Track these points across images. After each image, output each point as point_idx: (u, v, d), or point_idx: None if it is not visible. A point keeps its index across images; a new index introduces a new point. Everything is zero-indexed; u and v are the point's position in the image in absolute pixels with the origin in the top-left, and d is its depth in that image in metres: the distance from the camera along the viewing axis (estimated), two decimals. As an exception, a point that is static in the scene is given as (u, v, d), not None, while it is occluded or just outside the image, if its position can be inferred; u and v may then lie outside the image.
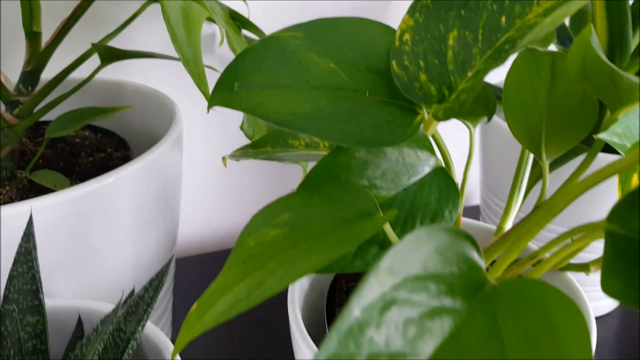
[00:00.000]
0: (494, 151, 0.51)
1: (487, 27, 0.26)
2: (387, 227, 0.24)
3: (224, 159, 0.40)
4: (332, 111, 0.26)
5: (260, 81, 0.27)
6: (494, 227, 0.38)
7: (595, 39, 0.23)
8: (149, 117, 0.43)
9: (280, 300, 0.53)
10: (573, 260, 0.34)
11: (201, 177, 0.59)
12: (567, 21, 0.55)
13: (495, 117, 0.48)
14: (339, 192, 0.26)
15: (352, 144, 0.25)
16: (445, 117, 0.25)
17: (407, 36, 0.27)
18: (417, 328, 0.16)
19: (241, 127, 0.40)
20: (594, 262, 0.33)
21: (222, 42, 0.30)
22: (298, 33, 0.27)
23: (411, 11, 0.27)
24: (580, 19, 0.54)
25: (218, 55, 0.53)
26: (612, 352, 0.50)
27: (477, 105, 0.33)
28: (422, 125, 0.28)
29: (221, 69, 0.54)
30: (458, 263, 0.18)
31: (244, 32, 0.47)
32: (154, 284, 0.28)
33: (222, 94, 0.27)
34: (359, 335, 0.15)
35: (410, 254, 0.17)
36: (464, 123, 0.35)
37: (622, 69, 0.47)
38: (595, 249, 0.45)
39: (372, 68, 0.27)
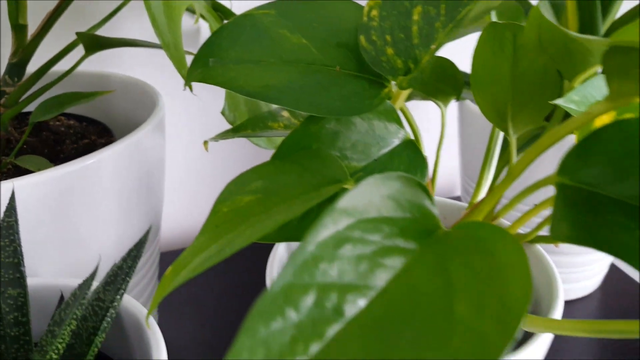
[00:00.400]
0: (472, 137, 0.52)
1: (449, 2, 0.27)
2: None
3: (205, 142, 0.41)
4: (303, 84, 0.27)
5: (234, 56, 0.28)
6: (466, 204, 0.39)
7: (548, 8, 0.24)
8: (133, 105, 0.44)
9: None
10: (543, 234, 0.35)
11: (184, 166, 0.60)
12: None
13: (470, 103, 0.50)
14: (310, 161, 0.27)
15: (322, 113, 0.26)
16: (409, 86, 0.26)
17: (374, 12, 0.28)
18: (369, 263, 0.17)
19: (222, 113, 0.41)
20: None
21: (197, 21, 0.31)
22: (271, 10, 0.29)
23: (378, -12, 0.28)
24: (555, 11, 0.55)
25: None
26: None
27: (446, 85, 0.34)
28: (390, 99, 0.29)
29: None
30: (411, 209, 0.19)
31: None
32: (132, 254, 0.28)
33: (197, 70, 0.28)
34: (313, 268, 0.16)
35: (365, 198, 0.18)
36: (435, 102, 0.36)
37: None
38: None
39: (341, 43, 0.28)
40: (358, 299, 0.16)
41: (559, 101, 0.26)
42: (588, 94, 0.27)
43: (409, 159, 0.29)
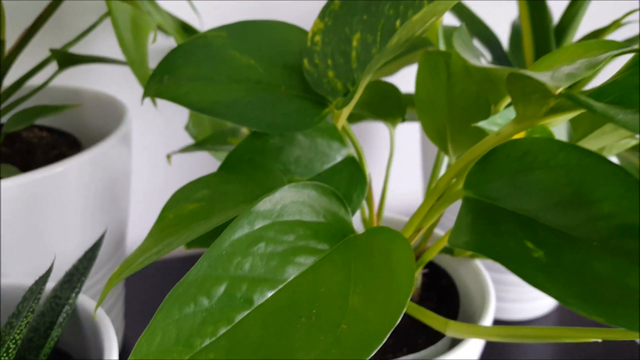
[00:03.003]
0: (432, 157, 0.55)
1: (384, 30, 0.29)
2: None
3: (168, 156, 0.43)
4: (249, 101, 0.29)
5: (187, 74, 0.30)
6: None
7: (465, 36, 0.27)
8: (103, 119, 0.46)
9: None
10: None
11: (150, 177, 0.62)
12: (505, 41, 0.59)
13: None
14: (253, 172, 0.29)
15: (264, 129, 0.28)
16: (343, 105, 0.28)
17: (317, 38, 0.31)
18: (280, 260, 0.19)
19: (186, 128, 0.43)
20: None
21: (154, 40, 0.33)
22: (223, 33, 0.31)
23: (321, 15, 0.31)
24: (516, 36, 0.58)
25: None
26: (552, 352, 0.53)
27: (391, 107, 0.36)
28: (332, 118, 0.32)
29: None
30: (325, 215, 0.21)
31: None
32: (88, 256, 0.31)
33: (154, 86, 0.31)
34: (227, 262, 0.18)
35: (282, 203, 0.20)
36: (384, 123, 0.38)
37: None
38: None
39: (287, 65, 0.31)
40: (266, 290, 0.19)
41: (482, 123, 0.28)
42: (511, 117, 0.29)
43: (350, 175, 0.32)
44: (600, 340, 0.24)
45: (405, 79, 0.50)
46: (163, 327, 0.17)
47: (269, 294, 0.18)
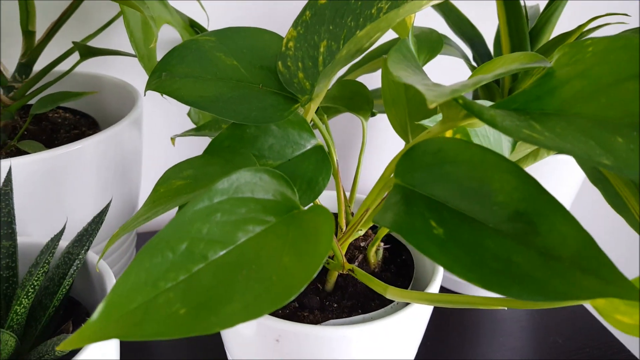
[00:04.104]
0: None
1: (346, 39, 0.35)
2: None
3: (172, 138, 0.49)
4: (230, 96, 0.35)
5: (181, 72, 0.36)
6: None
7: (408, 50, 0.32)
8: (118, 103, 0.53)
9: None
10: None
11: (161, 157, 0.69)
12: (489, 39, 0.64)
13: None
14: (232, 157, 0.35)
15: (241, 120, 0.34)
16: (307, 102, 0.34)
17: (291, 44, 0.36)
18: (232, 227, 0.25)
19: (188, 114, 0.49)
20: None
21: (155, 41, 0.39)
22: (212, 37, 0.37)
23: (295, 24, 0.36)
24: (499, 36, 0.63)
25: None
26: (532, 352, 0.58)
27: (361, 102, 0.42)
28: (302, 112, 0.37)
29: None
30: (274, 194, 0.27)
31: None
32: (96, 220, 0.37)
33: (154, 81, 0.36)
34: (189, 226, 0.24)
35: (238, 182, 0.26)
36: (357, 116, 0.44)
37: (524, 80, 0.56)
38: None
39: (264, 66, 0.36)
40: (219, 249, 0.24)
41: (424, 121, 0.34)
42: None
43: (317, 160, 0.37)
44: (506, 308, 0.29)
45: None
46: (136, 272, 0.22)
47: (221, 253, 0.24)
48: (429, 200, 0.27)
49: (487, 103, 0.34)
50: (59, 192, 0.43)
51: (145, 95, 0.36)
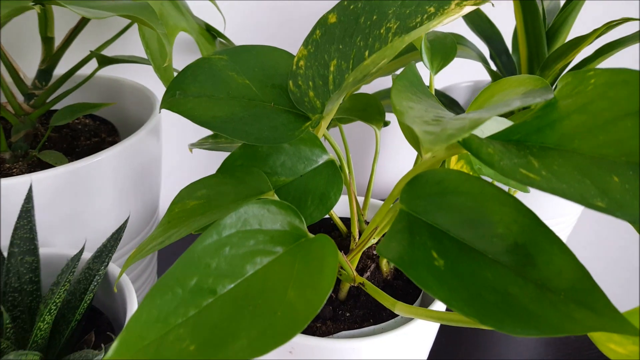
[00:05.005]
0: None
1: (355, 58, 0.35)
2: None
3: (190, 148, 0.50)
4: (242, 116, 0.36)
5: (194, 91, 0.37)
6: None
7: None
8: (138, 108, 0.54)
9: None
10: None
11: (181, 164, 0.70)
12: (508, 39, 0.63)
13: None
14: (245, 176, 0.36)
15: (253, 142, 0.35)
16: (318, 120, 0.34)
17: (301, 62, 0.36)
18: (240, 260, 0.26)
19: (204, 121, 0.50)
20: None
21: (169, 60, 0.39)
22: (224, 56, 0.37)
23: (305, 43, 0.36)
24: (516, 36, 0.62)
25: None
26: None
27: (374, 113, 0.42)
28: (313, 129, 0.38)
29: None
30: (282, 223, 0.28)
31: (221, 40, 0.57)
32: (115, 237, 0.38)
33: (168, 100, 0.37)
34: (198, 263, 0.25)
35: (246, 216, 0.27)
36: (370, 126, 0.44)
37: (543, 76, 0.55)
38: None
39: (276, 85, 0.37)
40: (227, 283, 0.25)
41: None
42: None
43: (328, 175, 0.38)
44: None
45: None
46: (148, 309, 0.24)
47: (229, 287, 0.25)
48: (431, 228, 0.28)
49: (493, 126, 0.34)
50: (79, 203, 0.45)
51: (160, 112, 0.37)
